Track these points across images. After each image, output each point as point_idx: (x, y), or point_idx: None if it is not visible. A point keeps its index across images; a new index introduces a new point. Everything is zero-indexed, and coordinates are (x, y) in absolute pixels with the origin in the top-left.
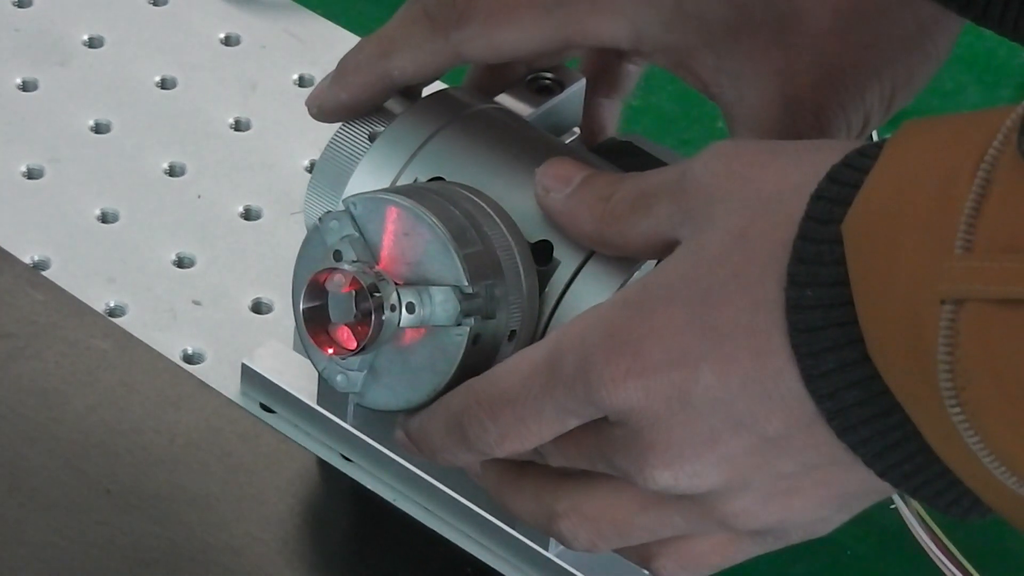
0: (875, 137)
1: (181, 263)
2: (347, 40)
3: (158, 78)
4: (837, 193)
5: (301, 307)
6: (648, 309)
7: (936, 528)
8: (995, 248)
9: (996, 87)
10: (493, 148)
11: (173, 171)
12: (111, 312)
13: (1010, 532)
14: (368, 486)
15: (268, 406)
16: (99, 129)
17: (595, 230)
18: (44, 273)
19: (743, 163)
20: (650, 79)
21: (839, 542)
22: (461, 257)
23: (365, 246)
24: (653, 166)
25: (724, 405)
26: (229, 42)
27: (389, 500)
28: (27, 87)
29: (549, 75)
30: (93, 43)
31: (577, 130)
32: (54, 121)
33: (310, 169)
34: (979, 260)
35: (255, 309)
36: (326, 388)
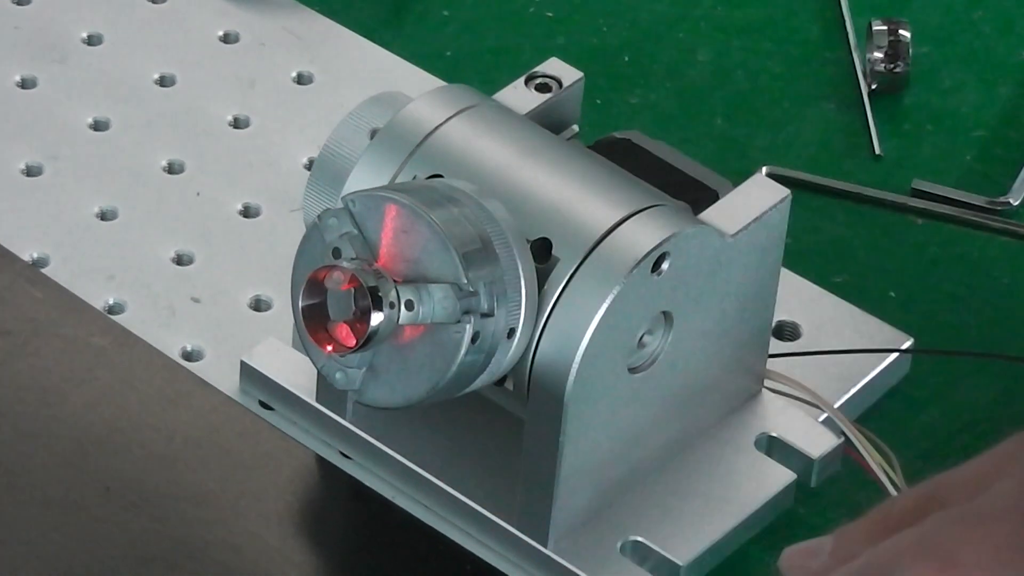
0: None
1: (180, 260)
2: (346, 38)
3: (157, 75)
4: None
5: (300, 304)
6: (969, 522)
7: None
8: None
9: (995, 85)
10: (492, 146)
11: (172, 168)
12: (110, 309)
13: None
14: (367, 483)
15: (267, 403)
16: (98, 127)
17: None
18: (43, 270)
19: None
20: (649, 76)
21: None
22: (460, 255)
23: (364, 243)
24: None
25: None
26: (228, 39)
27: (388, 497)
28: (26, 84)
29: (547, 73)
30: (92, 41)
31: (576, 127)
32: (53, 118)
33: (309, 166)
34: None
35: (254, 306)
36: (325, 385)
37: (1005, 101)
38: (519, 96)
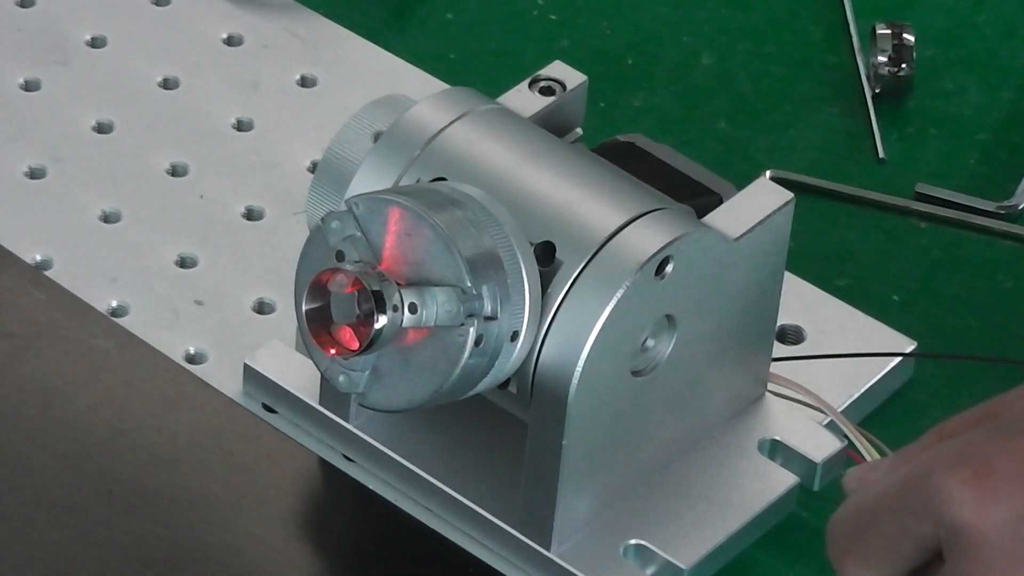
0: None
1: (183, 263)
2: (350, 40)
3: (160, 78)
4: None
5: (303, 307)
6: (1007, 433)
7: None
8: None
9: (999, 89)
10: (496, 149)
11: (175, 171)
12: (113, 312)
13: None
14: (370, 487)
15: (270, 406)
16: (101, 129)
17: None
18: (46, 273)
19: None
20: (653, 79)
21: None
22: (463, 258)
23: (367, 246)
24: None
25: None
26: (231, 42)
27: (391, 501)
28: (29, 87)
29: (551, 76)
30: (95, 43)
31: (579, 131)
32: (56, 121)
33: (312, 169)
34: None
35: (257, 309)
36: (328, 388)
37: (1009, 105)
38: (523, 99)
